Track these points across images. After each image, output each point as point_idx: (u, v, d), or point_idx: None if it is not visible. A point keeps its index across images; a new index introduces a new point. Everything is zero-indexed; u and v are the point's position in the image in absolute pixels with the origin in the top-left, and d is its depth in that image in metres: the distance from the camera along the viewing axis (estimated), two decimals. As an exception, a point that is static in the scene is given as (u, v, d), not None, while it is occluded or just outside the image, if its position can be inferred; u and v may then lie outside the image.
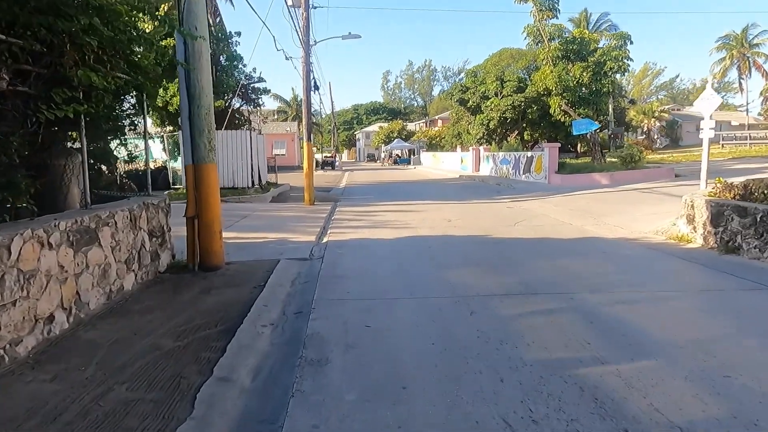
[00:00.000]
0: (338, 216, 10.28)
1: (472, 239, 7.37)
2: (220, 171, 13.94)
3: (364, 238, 7.60)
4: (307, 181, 12.14)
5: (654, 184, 13.78)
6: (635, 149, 15.87)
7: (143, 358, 3.11)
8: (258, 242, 7.24)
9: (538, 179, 17.44)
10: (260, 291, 4.71)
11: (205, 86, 5.39)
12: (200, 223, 5.45)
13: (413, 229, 8.30)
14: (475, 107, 30.80)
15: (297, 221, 9.44)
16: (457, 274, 5.25)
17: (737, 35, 47.11)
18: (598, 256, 6.10)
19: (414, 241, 7.27)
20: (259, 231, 8.15)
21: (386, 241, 7.28)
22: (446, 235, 7.70)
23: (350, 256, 6.29)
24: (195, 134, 5.38)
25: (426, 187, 19.61)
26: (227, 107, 13.36)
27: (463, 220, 9.30)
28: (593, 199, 11.97)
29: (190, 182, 5.45)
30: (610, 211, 9.74)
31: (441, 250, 6.51)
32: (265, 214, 10.57)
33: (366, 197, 15.12)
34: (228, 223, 8.86)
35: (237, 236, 7.65)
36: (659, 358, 3.03)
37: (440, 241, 7.19)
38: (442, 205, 12.27)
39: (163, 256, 5.43)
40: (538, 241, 7.20)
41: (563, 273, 5.21)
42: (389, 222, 9.28)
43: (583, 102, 20.19)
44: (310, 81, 12.04)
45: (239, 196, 12.65)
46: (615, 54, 19.53)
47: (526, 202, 12.25)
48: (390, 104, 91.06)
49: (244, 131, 13.39)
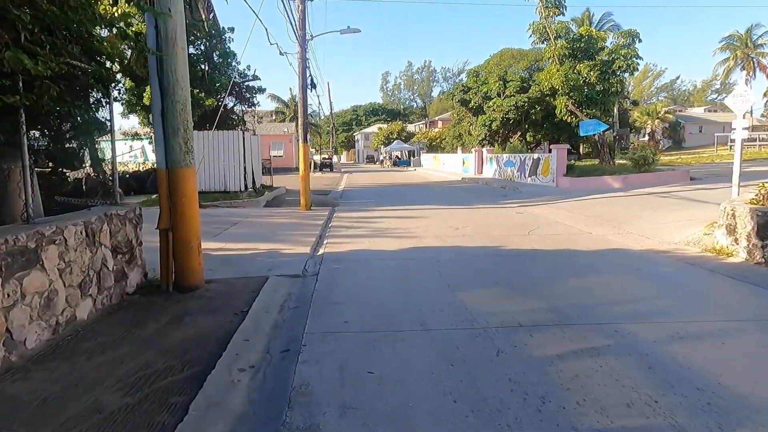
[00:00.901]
0: (336, 223, 9.54)
1: (485, 251, 6.62)
2: (210, 173, 13.34)
3: (364, 249, 6.86)
4: (303, 184, 11.40)
5: (670, 188, 13.06)
6: (648, 151, 15.17)
7: (74, 429, 2.35)
8: (246, 254, 6.49)
9: (545, 182, 16.72)
10: (242, 319, 3.97)
11: (181, 78, 4.66)
12: (175, 237, 4.71)
13: (418, 239, 7.55)
14: (477, 108, 30.11)
15: (291, 229, 8.70)
16: (473, 296, 4.51)
17: (741, 35, 46.48)
18: (632, 273, 5.36)
19: (420, 253, 6.53)
20: (249, 240, 7.40)
21: (389, 254, 6.53)
22: (455, 246, 6.96)
23: (349, 272, 5.55)
24: (168, 133, 4.63)
25: (428, 190, 18.88)
26: (219, 106, 12.59)
27: (471, 228, 8.57)
28: (608, 204, 11.23)
29: (162, 190, 4.71)
30: (630, 218, 9.01)
31: (451, 265, 5.77)
32: (257, 220, 9.82)
33: (366, 201, 14.38)
34: (215, 231, 8.13)
35: (223, 247, 6.90)
36: (762, 429, 2.29)
37: (449, 254, 6.45)
38: (447, 210, 11.53)
39: (132, 275, 4.68)
40: (558, 253, 6.46)
41: (597, 296, 4.47)
42: (391, 230, 8.54)
43: (591, 102, 19.47)
44: (306, 78, 11.31)
45: (231, 201, 11.90)
46: (624, 52, 18.82)
47: (536, 207, 11.52)
48: (389, 105, 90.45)
49: (236, 131, 12.64)
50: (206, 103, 12.82)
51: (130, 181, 14.05)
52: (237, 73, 15.13)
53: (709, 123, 53.04)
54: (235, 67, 15.12)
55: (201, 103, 12.53)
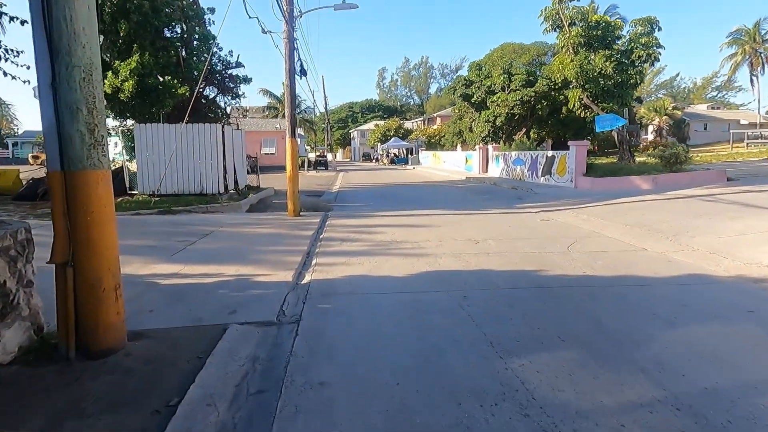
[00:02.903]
0: (329, 233, 7.93)
1: (522, 278, 5.04)
2: (183, 174, 11.53)
3: (363, 275, 5.25)
4: (291, 186, 9.77)
5: (709, 190, 11.53)
6: (680, 148, 13.61)
7: None
8: (208, 283, 4.88)
9: (561, 183, 15.17)
10: (168, 420, 2.37)
11: (82, 30, 3.01)
12: (78, 275, 3.09)
13: (431, 259, 5.96)
14: (480, 103, 28.54)
15: (273, 242, 7.08)
16: (534, 369, 2.92)
17: (749, 30, 45.20)
18: (746, 318, 3.79)
19: (438, 281, 4.94)
20: (217, 260, 5.79)
21: (397, 282, 4.93)
22: (481, 270, 5.37)
23: (342, 317, 3.94)
24: (63, 116, 3.00)
25: (432, 191, 17.29)
26: (197, 97, 10.92)
27: (493, 242, 6.99)
28: (646, 209, 9.68)
29: (56, 204, 3.08)
30: (683, 228, 7.45)
31: (485, 304, 4.18)
32: (233, 230, 8.19)
33: (363, 205, 12.77)
34: (176, 246, 6.50)
35: (180, 271, 5.29)
36: None
37: (477, 283, 4.86)
38: (458, 216, 9.94)
39: (11, 333, 3.06)
40: (620, 282, 4.88)
41: (728, 368, 2.89)
42: (396, 244, 6.95)
43: (607, 95, 17.93)
44: (294, 62, 9.67)
45: (207, 205, 10.25)
46: (644, 41, 17.29)
47: (561, 213, 9.95)
48: (386, 102, 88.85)
49: (213, 125, 10.96)
50: (179, 92, 11.15)
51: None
52: (218, 60, 13.44)
53: (714, 120, 51.83)
54: (216, 53, 13.43)
55: (173, 92, 10.87)
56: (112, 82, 10.98)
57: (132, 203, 10.14)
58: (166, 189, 10.93)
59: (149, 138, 10.70)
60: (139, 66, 10.78)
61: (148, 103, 11.30)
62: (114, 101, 11.39)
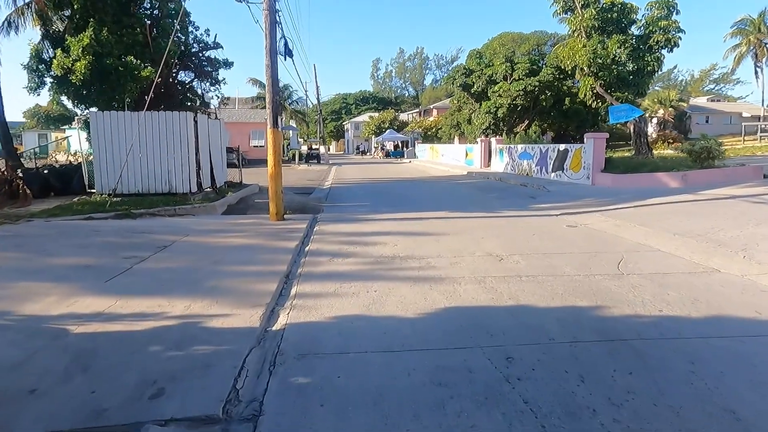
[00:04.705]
0: (316, 245, 6.50)
1: (580, 321, 3.65)
2: (148, 170, 9.08)
3: (358, 315, 3.83)
4: (273, 185, 8.30)
5: (750, 189, 10.20)
6: (713, 142, 12.25)
7: None
8: (140, 330, 3.45)
9: (576, 179, 13.80)
10: None
11: None
12: None
13: (448, 286, 4.55)
14: (480, 93, 27.04)
15: (245, 259, 5.63)
16: None
17: (754, 20, 43.88)
18: None
19: (464, 329, 3.53)
20: (164, 289, 4.36)
21: (405, 332, 3.52)
22: (518, 307, 3.97)
23: (326, 411, 2.51)
24: None
25: (433, 187, 15.87)
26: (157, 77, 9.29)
27: (521, 257, 5.60)
28: (688, 213, 8.32)
29: None
30: (748, 239, 6.10)
31: (544, 379, 2.78)
32: (199, 240, 6.72)
33: (358, 205, 11.33)
34: (117, 266, 5.06)
35: (109, 308, 3.86)
36: None
37: (518, 331, 3.46)
38: (469, 221, 8.54)
39: None
40: (716, 326, 3.50)
41: None
42: (399, 261, 5.53)
43: (622, 83, 16.52)
44: (276, 39, 8.15)
45: (175, 207, 8.74)
46: (663, 24, 15.88)
47: (586, 217, 8.59)
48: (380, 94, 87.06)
49: (183, 113, 9.38)
50: (143, 74, 9.57)
51: (50, 177, 10.78)
52: (194, 41, 11.85)
53: (715, 113, 50.78)
54: (192, 32, 11.83)
55: (136, 74, 9.29)
56: (62, 62, 9.32)
57: (86, 205, 8.63)
58: (128, 188, 9.40)
59: (107, 128, 9.15)
60: (94, 43, 9.15)
61: (107, 88, 9.72)
62: (66, 85, 9.76)
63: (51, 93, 10.42)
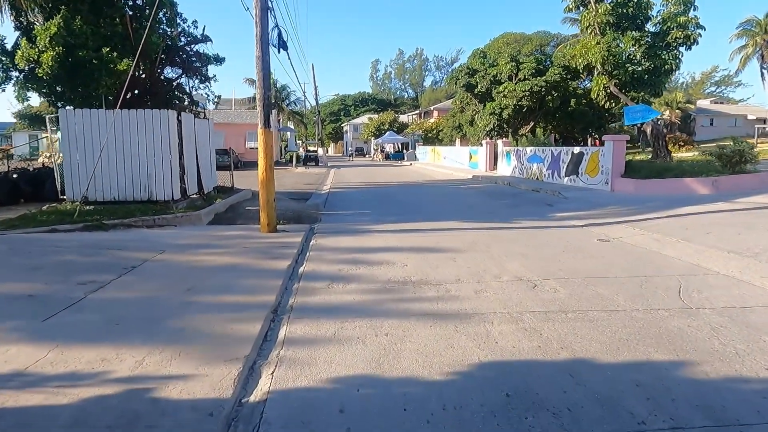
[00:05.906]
0: (312, 265, 5.53)
1: (670, 391, 2.70)
2: (126, 175, 7.59)
3: (365, 376, 2.87)
4: (264, 192, 7.34)
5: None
6: (745, 145, 11.36)
7: None
8: (60, 405, 2.46)
9: (593, 185, 12.87)
10: None
11: None
12: None
13: (478, 326, 3.59)
14: (484, 93, 26.12)
15: (224, 286, 4.65)
16: None
17: (760, 21, 43.13)
18: None
19: (510, 397, 2.58)
20: (116, 332, 3.40)
21: (432, 411, 2.55)
22: (574, 361, 3.03)
23: None
24: None
25: (438, 192, 14.91)
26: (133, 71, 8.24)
27: (556, 282, 4.66)
28: (735, 225, 7.38)
29: None
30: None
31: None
32: (174, 259, 5.74)
33: (359, 213, 10.38)
34: (72, 295, 4.10)
35: (34, 365, 2.90)
36: None
37: (582, 403, 2.51)
38: (486, 232, 7.57)
39: None
40: None
41: None
42: (413, 288, 4.57)
43: (638, 83, 15.62)
44: (267, 26, 7.19)
45: (154, 217, 7.76)
46: (682, 20, 14.99)
47: (616, 228, 7.65)
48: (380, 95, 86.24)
49: (165, 111, 8.38)
50: (119, 67, 8.59)
51: (20, 182, 9.80)
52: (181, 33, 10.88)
53: (720, 115, 50.02)
54: (179, 24, 10.87)
55: (112, 68, 8.31)
56: (27, 53, 8.32)
57: (52, 215, 7.64)
58: (102, 195, 8.40)
59: (79, 127, 8.18)
60: (64, 32, 8.17)
61: (80, 83, 8.73)
62: (34, 80, 8.76)
63: (15, 89, 9.41)
